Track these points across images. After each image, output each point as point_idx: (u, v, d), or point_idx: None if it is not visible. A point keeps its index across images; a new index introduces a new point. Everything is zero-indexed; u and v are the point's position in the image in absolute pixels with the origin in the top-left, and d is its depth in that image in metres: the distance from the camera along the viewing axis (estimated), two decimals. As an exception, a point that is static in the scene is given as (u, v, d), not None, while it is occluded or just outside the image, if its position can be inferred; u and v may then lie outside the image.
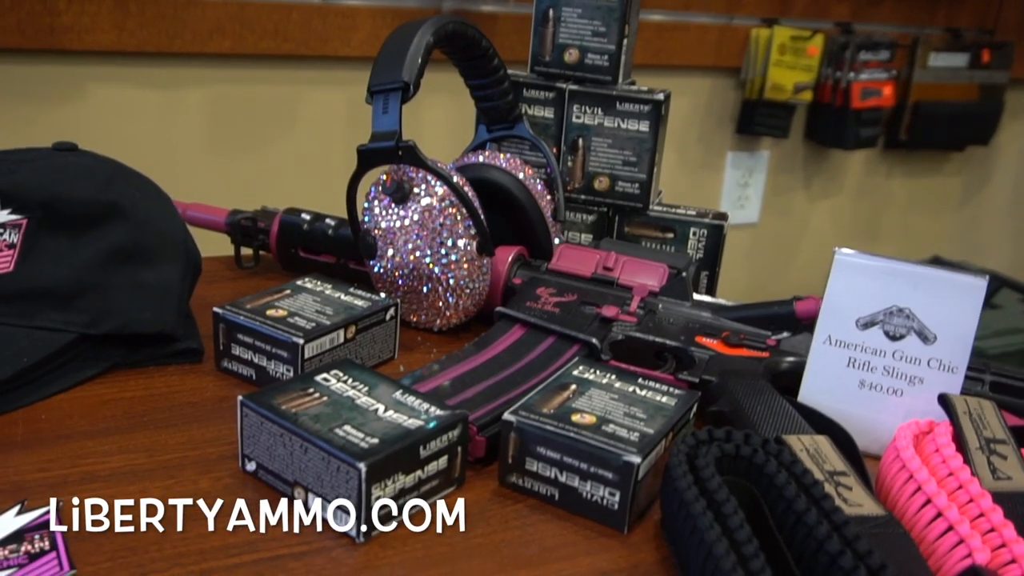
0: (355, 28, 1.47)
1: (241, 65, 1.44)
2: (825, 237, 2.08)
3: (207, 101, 1.44)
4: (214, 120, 1.45)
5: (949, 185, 2.20)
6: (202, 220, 0.85)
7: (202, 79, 1.43)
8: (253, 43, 1.42)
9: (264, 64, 1.45)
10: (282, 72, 1.47)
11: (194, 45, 1.38)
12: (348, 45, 1.48)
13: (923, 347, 0.60)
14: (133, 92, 1.39)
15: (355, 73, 1.52)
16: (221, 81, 1.44)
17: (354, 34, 1.47)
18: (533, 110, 0.82)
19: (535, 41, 0.82)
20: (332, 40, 1.46)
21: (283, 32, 1.43)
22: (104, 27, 1.32)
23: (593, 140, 0.81)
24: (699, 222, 0.81)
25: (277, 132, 1.49)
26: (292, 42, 1.44)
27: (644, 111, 0.79)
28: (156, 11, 1.34)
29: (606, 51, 0.80)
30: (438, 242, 0.69)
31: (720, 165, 1.90)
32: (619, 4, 0.79)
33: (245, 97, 1.46)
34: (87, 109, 1.37)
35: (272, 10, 1.41)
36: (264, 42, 1.42)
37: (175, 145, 1.43)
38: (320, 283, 0.69)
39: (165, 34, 1.36)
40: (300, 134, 1.51)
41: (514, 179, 0.77)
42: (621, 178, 0.82)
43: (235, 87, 1.45)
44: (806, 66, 1.78)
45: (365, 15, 1.47)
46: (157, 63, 1.39)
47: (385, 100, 0.67)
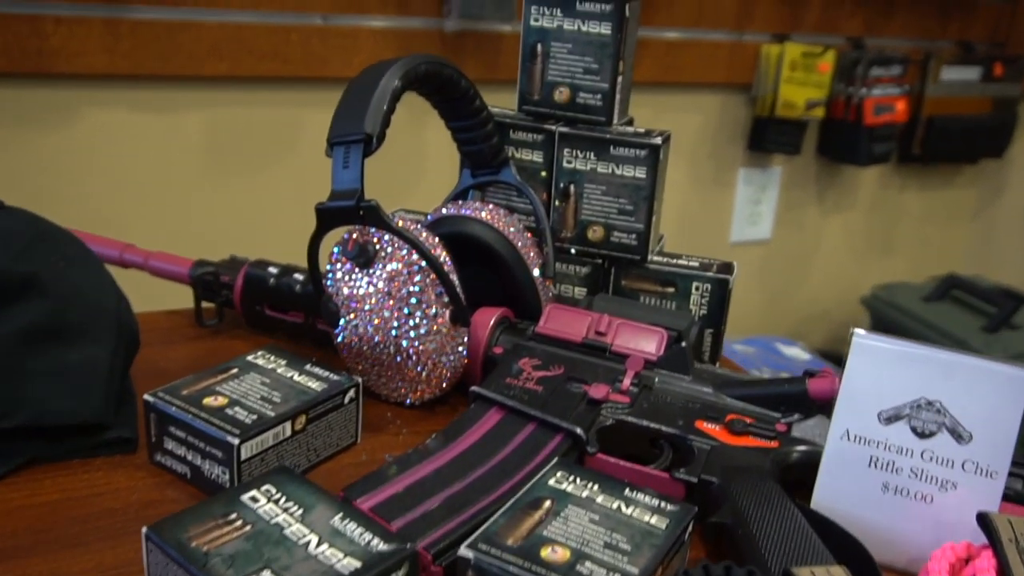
0: (356, 49, 1.36)
1: (239, 88, 1.34)
2: (839, 252, 1.95)
3: (204, 125, 1.34)
4: (211, 145, 1.35)
5: (963, 198, 2.06)
6: (165, 271, 0.75)
7: (199, 103, 1.32)
8: (251, 65, 1.31)
9: (263, 87, 1.35)
10: (281, 95, 1.37)
11: (190, 68, 1.28)
12: (349, 67, 1.37)
13: (957, 447, 0.49)
14: (127, 116, 1.29)
15: (356, 94, 1.41)
16: (218, 104, 1.33)
17: (355, 55, 1.36)
18: (520, 153, 0.71)
19: (523, 78, 0.71)
20: (333, 62, 1.35)
21: (282, 54, 1.32)
22: (94, 50, 1.22)
23: (586, 187, 0.70)
24: (702, 276, 0.70)
25: (276, 156, 1.39)
26: (291, 64, 1.33)
27: (641, 156, 0.68)
28: (149, 33, 1.24)
29: (599, 90, 0.69)
30: (405, 312, 0.58)
31: (732, 182, 1.77)
32: (612, 40, 0.67)
33: (243, 121, 1.36)
34: (79, 134, 1.27)
35: (270, 31, 1.30)
36: (263, 64, 1.32)
37: (171, 170, 1.33)
38: (273, 358, 0.58)
39: (159, 57, 1.25)
40: (300, 158, 1.40)
41: (497, 234, 0.66)
42: (616, 228, 0.70)
43: (233, 111, 1.35)
44: (818, 82, 1.65)
45: (366, 36, 1.36)
46: (151, 86, 1.29)
47: (346, 153, 0.56)
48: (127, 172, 1.31)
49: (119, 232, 1.30)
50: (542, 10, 0.69)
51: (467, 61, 1.42)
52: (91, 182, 1.29)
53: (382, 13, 1.36)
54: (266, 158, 1.38)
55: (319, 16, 1.33)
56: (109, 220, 1.31)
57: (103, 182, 1.30)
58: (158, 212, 1.34)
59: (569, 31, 0.68)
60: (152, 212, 1.33)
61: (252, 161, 1.38)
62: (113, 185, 1.30)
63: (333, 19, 1.34)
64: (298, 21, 1.32)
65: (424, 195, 1.43)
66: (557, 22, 0.69)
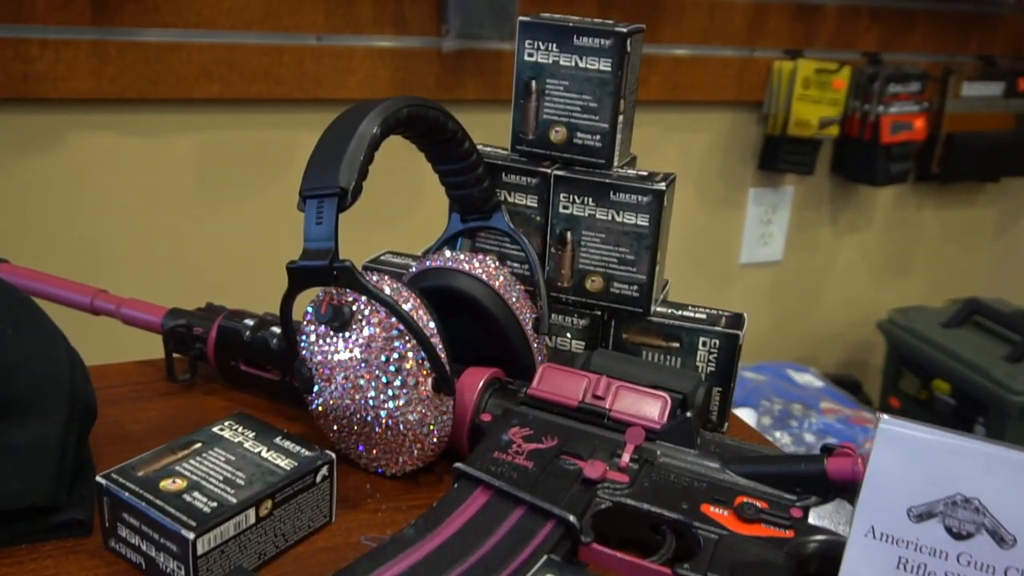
0: (351, 70, 1.32)
1: (231, 110, 1.30)
2: (853, 274, 1.90)
3: (195, 149, 1.30)
4: (203, 169, 1.31)
5: (982, 217, 2.00)
6: (137, 320, 0.70)
7: (189, 126, 1.29)
8: (243, 87, 1.27)
9: (256, 109, 1.31)
10: (275, 117, 1.33)
11: (179, 91, 1.24)
12: (345, 87, 1.33)
13: (999, 551, 0.44)
14: (116, 141, 1.25)
15: (352, 116, 1.37)
16: (210, 127, 1.30)
17: (350, 76, 1.32)
18: (513, 197, 0.66)
19: (516, 116, 0.67)
20: (327, 83, 1.31)
21: (275, 75, 1.28)
22: (81, 74, 1.18)
23: (584, 234, 0.65)
24: (710, 331, 0.65)
25: (271, 180, 1.35)
26: (285, 85, 1.29)
27: (643, 202, 0.63)
28: (137, 56, 1.20)
29: (598, 130, 0.64)
30: (384, 381, 0.53)
31: (742, 202, 1.72)
32: (612, 76, 0.63)
33: (236, 144, 1.32)
34: (67, 159, 1.23)
35: (262, 52, 1.26)
36: (255, 86, 1.28)
37: (162, 195, 1.30)
38: (242, 429, 0.54)
39: (148, 79, 1.22)
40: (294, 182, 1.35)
41: (486, 288, 0.61)
42: (617, 278, 0.65)
43: (225, 134, 1.31)
44: (832, 100, 1.60)
45: (362, 56, 1.32)
46: (141, 110, 1.25)
47: (319, 208, 0.52)
48: (115, 198, 1.27)
49: (109, 260, 1.27)
50: (537, 44, 0.64)
51: (466, 80, 1.38)
52: (78, 209, 1.25)
53: (378, 32, 1.32)
54: (259, 183, 1.34)
55: (313, 36, 1.29)
56: (97, 248, 1.28)
57: (90, 209, 1.26)
58: (148, 239, 1.30)
59: (566, 67, 0.64)
60: (141, 239, 1.30)
61: (245, 186, 1.34)
62: (101, 211, 1.26)
63: (327, 39, 1.30)
64: (291, 41, 1.28)
65: (421, 219, 1.39)
66: (553, 57, 0.64)
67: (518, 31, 0.65)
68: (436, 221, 0.71)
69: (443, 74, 1.37)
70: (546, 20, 0.64)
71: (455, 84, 1.38)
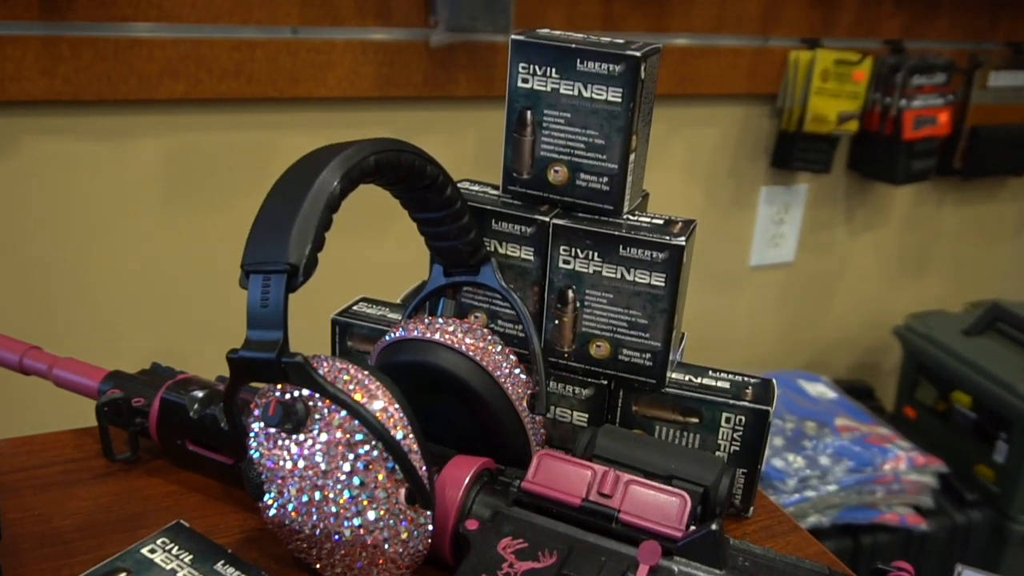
0: (330, 65, 1.22)
1: (199, 111, 1.20)
2: (868, 275, 1.81)
3: (162, 153, 1.20)
4: (171, 174, 1.21)
5: (1005, 213, 1.91)
6: (71, 383, 0.61)
7: (154, 128, 1.19)
8: (211, 86, 1.17)
9: (226, 109, 1.21)
10: (248, 117, 1.23)
11: (142, 91, 1.14)
12: (324, 85, 1.23)
13: None
14: (73, 146, 1.15)
15: (333, 115, 1.27)
16: (177, 130, 1.20)
17: (330, 72, 1.22)
18: (505, 248, 0.57)
19: (508, 152, 0.57)
20: (304, 79, 1.21)
21: (246, 72, 1.18)
22: (31, 74, 1.08)
23: (588, 293, 0.56)
24: (735, 405, 0.56)
25: (245, 185, 1.25)
26: (257, 83, 1.19)
27: (658, 259, 0.54)
28: (94, 54, 1.10)
29: (605, 171, 0.55)
30: (347, 495, 0.44)
31: (752, 201, 1.63)
32: (623, 109, 0.53)
33: (206, 147, 1.22)
34: (22, 165, 1.13)
35: (232, 47, 1.16)
36: (224, 84, 1.18)
37: (126, 203, 1.20)
38: (176, 550, 0.45)
39: (106, 79, 1.12)
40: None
41: (473, 366, 0.52)
42: (626, 345, 0.56)
43: (193, 136, 1.21)
44: (852, 93, 1.50)
45: (342, 50, 1.22)
46: (100, 112, 1.15)
47: (264, 286, 0.43)
48: (74, 209, 1.18)
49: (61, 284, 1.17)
50: (532, 68, 0.55)
51: (457, 76, 1.28)
52: (33, 221, 1.16)
53: (360, 24, 1.22)
54: (233, 188, 1.24)
55: (288, 28, 1.19)
56: (48, 270, 1.18)
57: (47, 221, 1.16)
58: (111, 252, 1.20)
59: (567, 96, 0.54)
60: (104, 252, 1.20)
61: (217, 193, 1.24)
62: (59, 224, 1.17)
63: (304, 32, 1.20)
64: (264, 35, 1.18)
65: (400, 236, 1.29)
66: (552, 84, 0.54)
67: (510, 51, 0.55)
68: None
69: (432, 69, 1.27)
70: (543, 39, 0.54)
71: (445, 80, 1.28)
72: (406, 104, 1.30)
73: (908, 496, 1.35)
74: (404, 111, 1.30)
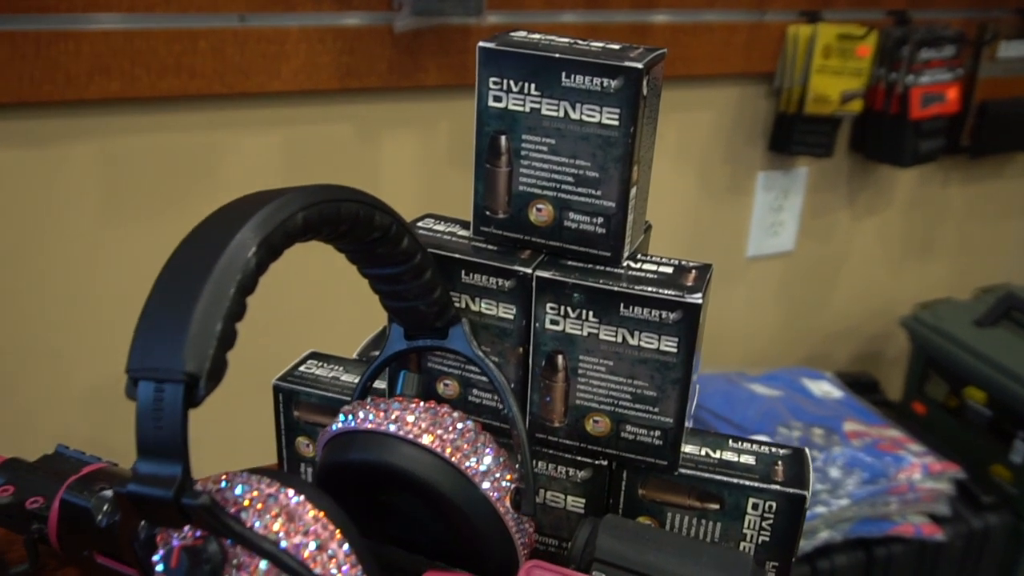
0: (284, 56, 1.10)
1: (137, 111, 1.08)
2: (871, 261, 1.72)
3: (96, 160, 1.08)
4: (107, 183, 1.10)
5: (1012, 189, 1.82)
6: (-44, 475, 0.51)
7: (86, 132, 1.07)
8: (150, 83, 1.05)
9: (167, 109, 1.09)
10: (192, 117, 1.11)
11: (69, 91, 1.02)
12: (278, 78, 1.11)
13: None
14: (-7, 155, 1.03)
15: (289, 111, 1.16)
16: (112, 133, 1.08)
17: (284, 63, 1.11)
18: (479, 305, 0.47)
19: (479, 187, 0.47)
20: (255, 73, 1.10)
21: (188, 66, 1.06)
22: (-61, 76, 0.96)
23: (582, 360, 0.46)
24: (765, 489, 0.46)
25: (192, 193, 1.14)
26: (202, 78, 1.07)
27: (669, 320, 0.44)
28: (10, 50, 0.98)
29: (600, 211, 0.44)
30: (278, 662, 0.34)
31: (749, 188, 1.53)
32: (622, 134, 0.43)
33: (146, 152, 1.10)
34: (-67, 180, 1.02)
35: (171, 39, 1.04)
36: (164, 81, 1.06)
37: (57, 217, 1.08)
38: None
39: (27, 79, 1.00)
40: (224, 190, 1.15)
41: (439, 463, 0.42)
42: (630, 420, 0.46)
43: (132, 140, 1.09)
44: (855, 70, 1.40)
45: (297, 38, 1.10)
46: (22, 116, 1.03)
47: (156, 401, 0.32)
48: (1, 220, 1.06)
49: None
50: (506, 84, 0.44)
51: (426, 63, 1.17)
52: (-49, 239, 1.04)
53: (315, 9, 1.10)
54: (178, 197, 1.13)
55: (235, 16, 1.07)
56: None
57: (-33, 239, 1.05)
58: (40, 272, 1.09)
59: (551, 118, 0.44)
60: (33, 272, 1.09)
61: (161, 202, 1.12)
62: (-19, 241, 1.05)
63: (253, 19, 1.08)
64: (207, 24, 1.06)
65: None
66: (531, 103, 0.44)
67: (477, 63, 0.44)
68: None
69: (397, 57, 1.15)
70: (519, 46, 0.44)
71: (413, 68, 1.17)
72: (370, 96, 1.18)
73: (923, 504, 1.27)
74: (368, 104, 1.19)
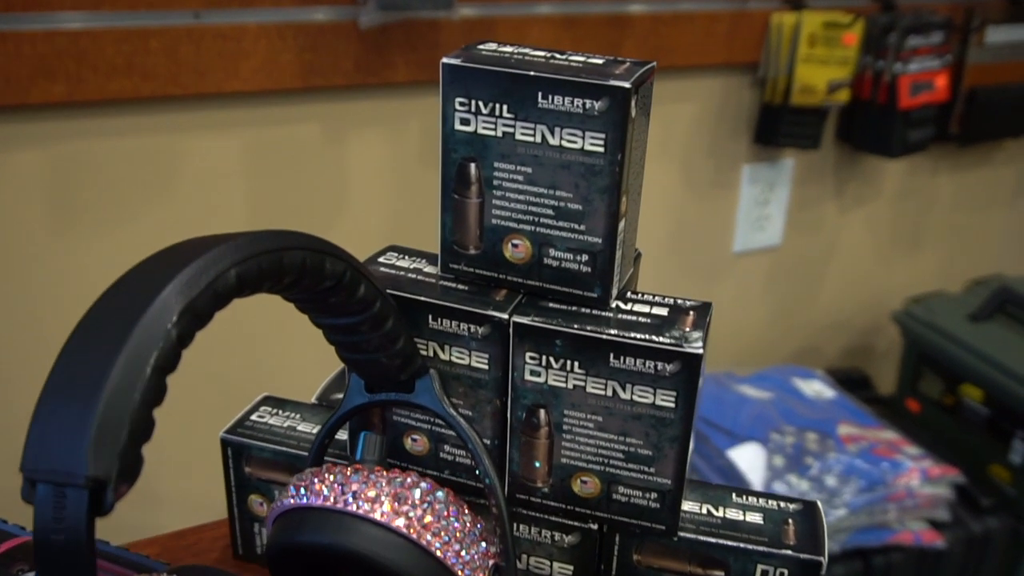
0: (243, 54, 1.04)
1: (85, 115, 1.01)
2: (860, 253, 1.68)
3: (41, 168, 1.02)
4: (55, 192, 1.03)
5: (1001, 177, 1.78)
6: None
7: (30, 138, 1.00)
8: (98, 86, 0.99)
9: (118, 112, 1.03)
10: (145, 120, 1.04)
11: (10, 95, 0.95)
12: (237, 77, 1.05)
13: None
14: (-71, 166, 0.97)
15: (249, 112, 1.09)
16: (58, 139, 1.01)
17: (243, 62, 1.04)
18: (449, 354, 0.41)
19: (446, 219, 0.41)
20: (212, 72, 1.03)
21: (139, 67, 1.00)
22: None
23: (567, 415, 0.41)
24: (775, 554, 0.41)
25: (146, 200, 1.07)
26: (155, 80, 1.01)
27: (666, 372, 0.39)
28: (-56, 54, 0.91)
29: (584, 247, 0.39)
30: None
31: (734, 181, 1.48)
32: (608, 161, 0.37)
33: (96, 158, 1.04)
34: None
35: (120, 38, 0.98)
36: (114, 83, 0.99)
37: (3, 228, 1.02)
38: None
39: (-36, 84, 0.93)
40: (180, 198, 1.09)
41: (405, 545, 0.37)
42: (623, 482, 0.41)
43: (80, 145, 1.03)
44: (841, 59, 1.35)
45: (255, 35, 1.04)
46: (-40, 124, 0.96)
47: (58, 506, 0.27)
48: (-61, 239, 0.99)
49: None
50: (475, 105, 0.38)
51: (394, 60, 1.11)
52: None
53: (275, 5, 1.04)
54: (132, 204, 1.07)
55: (189, 13, 1.00)
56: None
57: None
58: (-13, 289, 1.03)
59: (526, 144, 0.38)
60: (-21, 289, 1.02)
61: (113, 210, 1.06)
62: (-81, 259, 0.99)
63: (208, 15, 1.01)
64: (159, 22, 0.99)
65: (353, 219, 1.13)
66: (504, 127, 0.38)
67: (441, 80, 0.39)
68: (373, 227, 0.46)
69: (364, 54, 1.09)
70: (488, 62, 0.38)
71: (381, 65, 1.11)
72: (335, 95, 1.12)
73: (922, 511, 1.23)
74: (333, 103, 1.13)
